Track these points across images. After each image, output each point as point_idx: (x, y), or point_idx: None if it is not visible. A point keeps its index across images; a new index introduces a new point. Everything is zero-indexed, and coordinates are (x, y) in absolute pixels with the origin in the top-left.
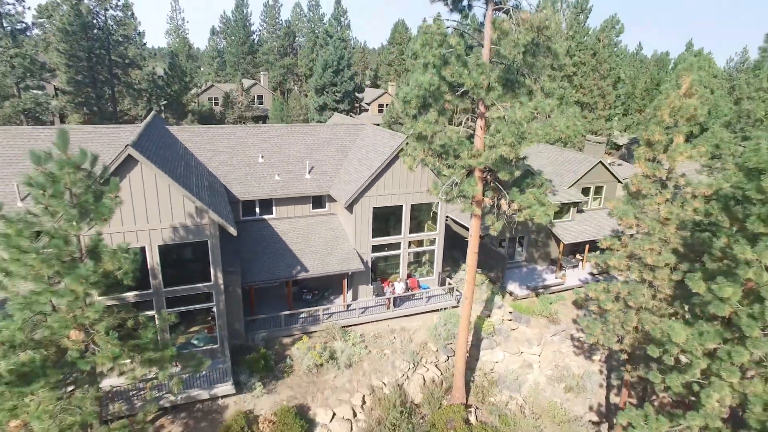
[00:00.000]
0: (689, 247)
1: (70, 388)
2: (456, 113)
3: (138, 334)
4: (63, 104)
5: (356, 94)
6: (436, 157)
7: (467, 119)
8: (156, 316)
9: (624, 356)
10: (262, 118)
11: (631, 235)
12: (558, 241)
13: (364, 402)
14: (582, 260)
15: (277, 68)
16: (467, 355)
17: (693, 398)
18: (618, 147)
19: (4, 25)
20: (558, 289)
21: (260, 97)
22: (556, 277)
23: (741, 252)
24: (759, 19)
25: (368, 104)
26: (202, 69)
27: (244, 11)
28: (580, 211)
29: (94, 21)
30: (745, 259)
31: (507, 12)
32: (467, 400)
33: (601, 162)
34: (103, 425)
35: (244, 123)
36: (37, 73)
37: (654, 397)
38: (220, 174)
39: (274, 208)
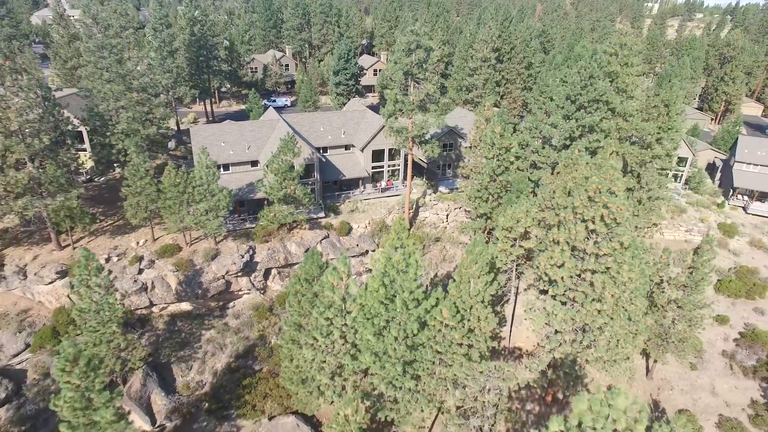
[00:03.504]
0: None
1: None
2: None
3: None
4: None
5: (359, 71)
6: (395, 132)
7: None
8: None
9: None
10: (291, 83)
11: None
12: None
13: (369, 223)
14: None
15: (296, 41)
16: (411, 212)
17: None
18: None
19: (165, 49)
20: None
21: (287, 66)
22: None
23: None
24: None
25: (366, 70)
26: (250, 50)
27: None
28: None
29: (201, 37)
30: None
31: (417, 83)
32: (410, 227)
33: None
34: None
35: (278, 87)
36: (181, 75)
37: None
38: (304, 135)
39: (328, 150)
